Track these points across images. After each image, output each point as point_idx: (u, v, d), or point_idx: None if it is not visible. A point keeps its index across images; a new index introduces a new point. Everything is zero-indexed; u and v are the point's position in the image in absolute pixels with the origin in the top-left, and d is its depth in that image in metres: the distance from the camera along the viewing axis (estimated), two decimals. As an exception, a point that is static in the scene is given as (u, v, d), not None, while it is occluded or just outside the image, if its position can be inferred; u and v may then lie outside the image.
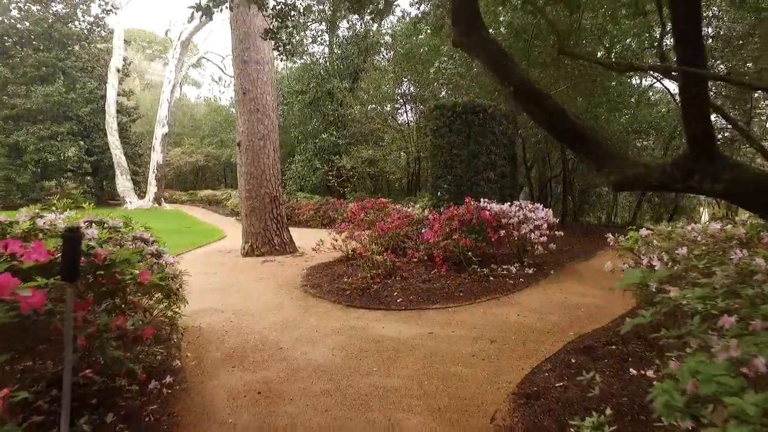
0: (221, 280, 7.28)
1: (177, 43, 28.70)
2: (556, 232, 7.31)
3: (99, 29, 28.80)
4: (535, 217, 7.28)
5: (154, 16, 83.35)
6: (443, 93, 14.96)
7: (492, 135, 9.95)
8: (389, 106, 21.98)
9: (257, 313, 5.35)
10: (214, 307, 5.59)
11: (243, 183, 9.57)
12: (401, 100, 22.14)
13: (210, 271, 8.12)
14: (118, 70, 26.73)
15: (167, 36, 34.02)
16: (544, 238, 7.07)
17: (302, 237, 11.88)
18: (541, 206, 7.59)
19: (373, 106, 20.55)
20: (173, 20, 43.14)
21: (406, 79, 20.28)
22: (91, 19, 28.03)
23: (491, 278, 6.63)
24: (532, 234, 7.10)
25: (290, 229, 14.59)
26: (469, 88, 9.44)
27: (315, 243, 9.12)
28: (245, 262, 8.80)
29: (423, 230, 7.91)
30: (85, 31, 27.99)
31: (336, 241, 8.39)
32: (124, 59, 29.13)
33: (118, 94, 29.08)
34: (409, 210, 9.40)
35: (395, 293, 5.99)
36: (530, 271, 7.14)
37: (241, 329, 4.74)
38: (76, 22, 27.42)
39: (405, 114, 22.77)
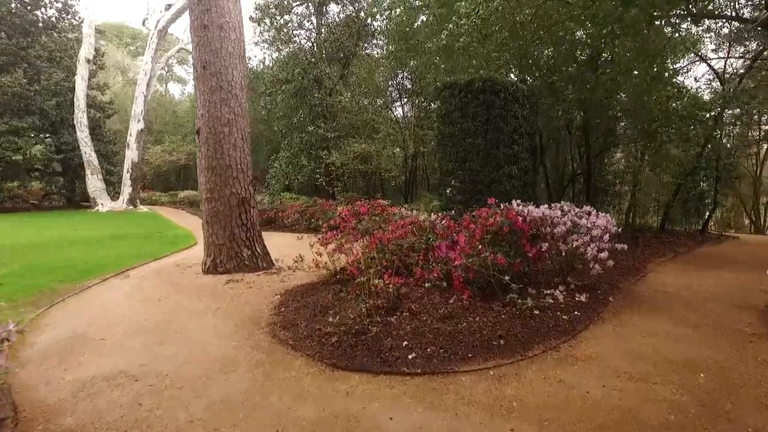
0: (163, 312, 5.30)
1: (154, 32, 26.55)
2: (618, 245, 5.41)
3: (69, 17, 26.56)
4: (588, 225, 5.38)
5: (135, 11, 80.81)
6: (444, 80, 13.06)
7: (514, 120, 8.05)
8: (381, 100, 20.10)
9: (191, 383, 3.38)
10: (128, 370, 3.61)
11: (203, 181, 7.58)
12: (396, 92, 20.28)
13: (155, 295, 6.14)
14: (89, 61, 24.48)
15: (144, 25, 31.95)
16: (604, 254, 5.18)
17: (284, 245, 9.96)
18: (594, 211, 5.70)
19: (367, 100, 18.63)
20: (151, 9, 40.69)
21: (401, 70, 18.42)
22: (60, 6, 25.78)
23: (536, 311, 4.72)
24: (588, 248, 5.20)
25: (273, 234, 12.61)
26: (490, 58, 7.52)
27: (296, 255, 7.23)
28: (204, 283, 6.82)
29: (436, 242, 6.00)
30: (53, 18, 25.73)
31: (320, 255, 6.44)
32: (97, 50, 26.91)
33: (91, 88, 26.93)
34: (415, 215, 7.47)
35: (404, 341, 4.05)
36: (582, 299, 5.24)
37: (148, 427, 2.78)
38: (42, 9, 25.13)
39: (401, 107, 20.95)
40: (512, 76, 10.66)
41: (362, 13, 18.60)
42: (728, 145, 12.00)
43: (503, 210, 5.39)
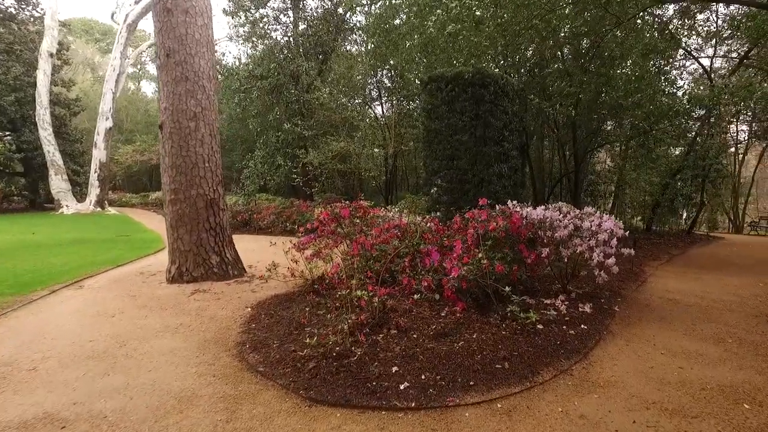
0: (114, 331, 4.61)
1: (123, 27, 25.44)
2: (624, 250, 4.94)
3: (30, 8, 25.21)
4: (592, 228, 4.90)
5: (105, 6, 78.38)
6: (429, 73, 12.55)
7: (504, 116, 7.57)
8: (360, 99, 19.53)
9: (136, 428, 2.75)
10: (56, 412, 2.94)
11: (167, 180, 6.88)
12: (375, 90, 19.70)
13: (109, 310, 5.43)
14: (52, 55, 23.25)
15: (113, 19, 30.65)
16: (611, 260, 4.70)
17: (259, 249, 9.32)
18: (598, 212, 5.23)
19: (345, 98, 18.01)
20: (120, 2, 39.09)
21: (381, 68, 17.84)
22: (19, -4, 24.47)
23: (539, 326, 4.21)
24: (594, 253, 4.72)
25: (247, 237, 11.93)
26: (480, 48, 6.96)
27: (270, 262, 6.59)
28: (166, 294, 6.13)
29: (424, 247, 5.45)
30: (11, 9, 24.35)
31: (296, 263, 5.83)
32: (61, 44, 25.67)
33: (55, 84, 25.71)
34: (399, 217, 6.92)
35: (394, 366, 3.48)
36: (587, 309, 4.77)
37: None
38: (-1, -1, 23.80)
39: (380, 105, 20.40)
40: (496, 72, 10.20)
41: (340, 9, 18.01)
42: (715, 144, 11.78)
43: (502, 211, 4.87)
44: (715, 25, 12.45)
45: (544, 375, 3.37)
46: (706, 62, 13.56)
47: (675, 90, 9.17)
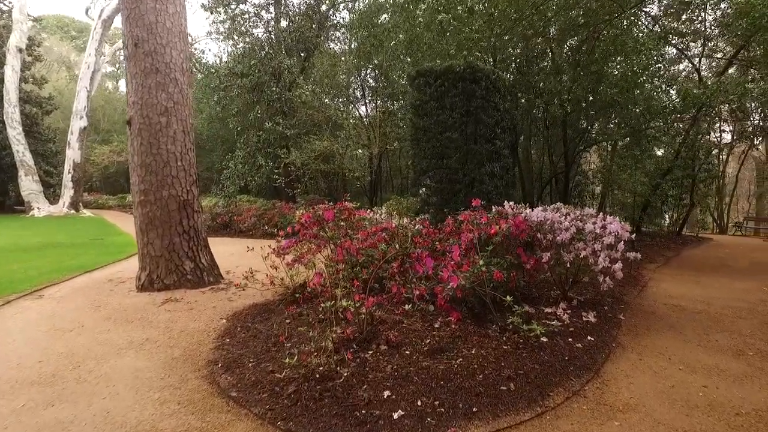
0: (69, 350, 4.09)
1: (98, 22, 24.58)
2: (630, 254, 4.60)
3: (-2, 1, 24.23)
4: (596, 231, 4.55)
5: (81, 3, 76.44)
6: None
7: (496, 113, 7.21)
8: (343, 98, 19.10)
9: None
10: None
11: (136, 180, 6.36)
12: (360, 90, 19.28)
13: (67, 324, 4.90)
14: (21, 51, 22.30)
15: (88, 15, 29.69)
16: (618, 265, 4.36)
17: (238, 253, 8.82)
18: (601, 214, 4.89)
19: (327, 98, 17.54)
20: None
21: (364, 67, 17.44)
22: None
23: (543, 339, 3.83)
24: (599, 258, 4.36)
25: (227, 240, 11.45)
26: (471, 40, 6.60)
27: (248, 269, 6.11)
28: (134, 304, 5.61)
29: (414, 252, 5.04)
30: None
31: (276, 269, 5.37)
32: (31, 39, 24.71)
33: (26, 81, 24.72)
34: (386, 219, 6.51)
35: (386, 389, 3.06)
36: (591, 318, 4.42)
37: None
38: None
39: (365, 105, 19.99)
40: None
41: (323, 6, 17.56)
42: (705, 144, 11.65)
43: (498, 213, 4.49)
44: (703, 25, 12.35)
45: (555, 398, 2.99)
46: (694, 61, 13.48)
47: (669, 87, 8.97)
